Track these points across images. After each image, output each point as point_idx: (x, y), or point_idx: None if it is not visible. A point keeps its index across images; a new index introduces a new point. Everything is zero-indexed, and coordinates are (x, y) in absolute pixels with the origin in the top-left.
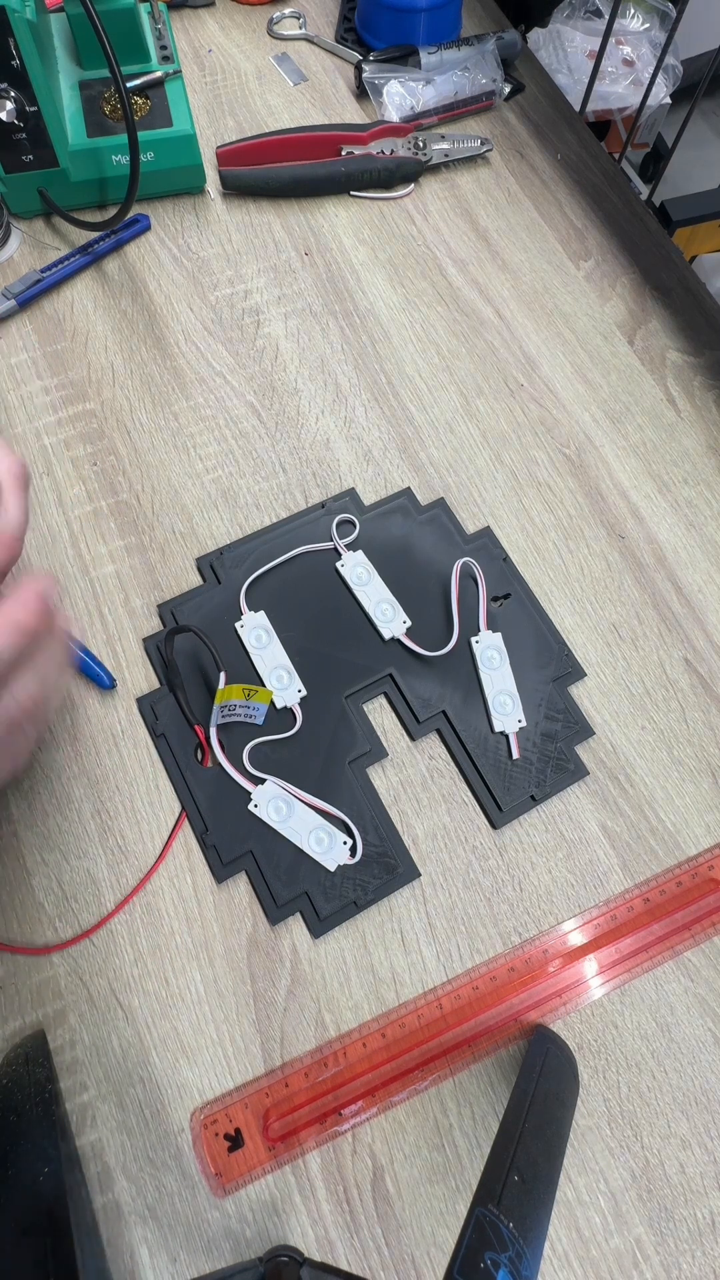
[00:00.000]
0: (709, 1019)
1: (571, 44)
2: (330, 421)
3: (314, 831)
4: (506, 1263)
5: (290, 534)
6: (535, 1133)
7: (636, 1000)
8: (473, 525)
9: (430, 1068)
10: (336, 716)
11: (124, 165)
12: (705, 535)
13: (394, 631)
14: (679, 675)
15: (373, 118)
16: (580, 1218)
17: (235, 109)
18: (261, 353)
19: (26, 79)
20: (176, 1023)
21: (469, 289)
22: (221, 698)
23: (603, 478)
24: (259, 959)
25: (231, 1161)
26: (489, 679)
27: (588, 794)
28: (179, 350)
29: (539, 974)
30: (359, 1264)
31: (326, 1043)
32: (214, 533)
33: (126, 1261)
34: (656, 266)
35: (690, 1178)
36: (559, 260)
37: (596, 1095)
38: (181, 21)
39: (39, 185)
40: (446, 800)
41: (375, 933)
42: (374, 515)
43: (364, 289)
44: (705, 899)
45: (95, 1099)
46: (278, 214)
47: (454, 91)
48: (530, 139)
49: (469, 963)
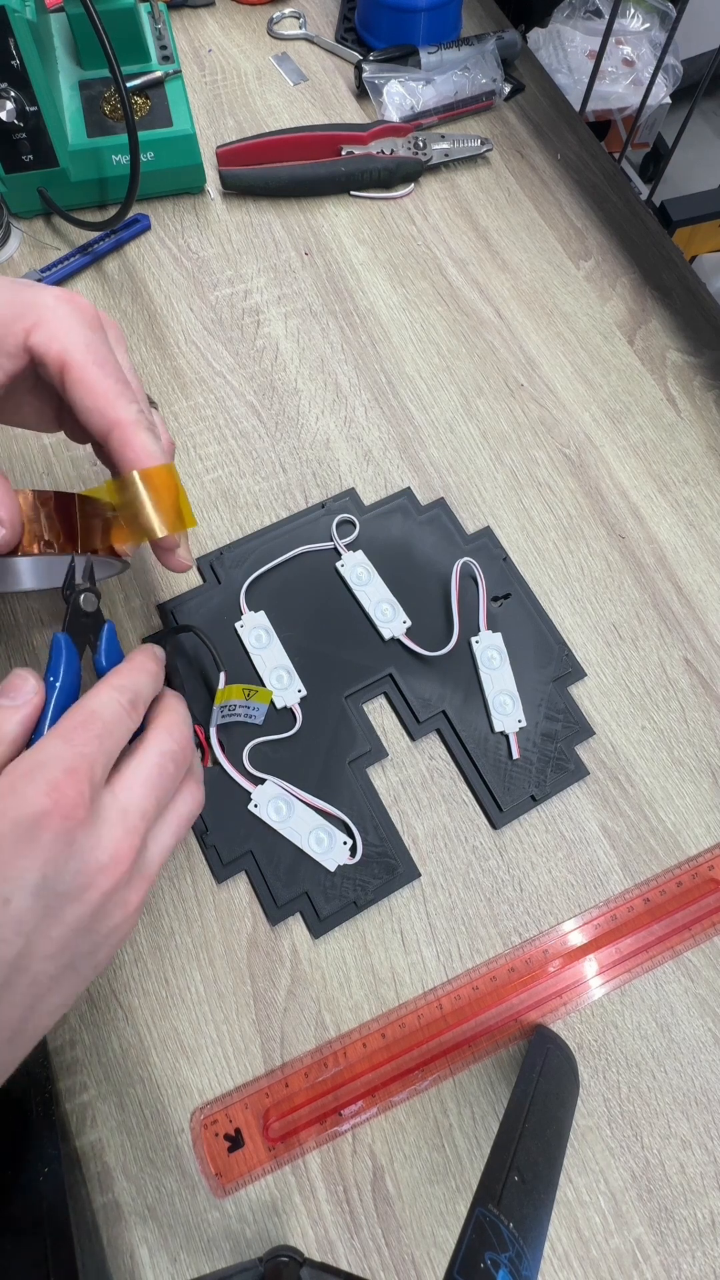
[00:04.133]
0: (709, 1019)
1: (571, 44)
2: (330, 421)
3: (314, 831)
4: (506, 1263)
5: (290, 534)
6: (535, 1133)
7: (636, 1000)
8: (473, 525)
9: (430, 1068)
10: (336, 716)
11: (124, 165)
12: (705, 535)
13: (394, 631)
14: (679, 675)
15: (373, 118)
16: (580, 1218)
17: (235, 109)
18: (261, 353)
19: (26, 79)
20: (176, 1023)
21: (469, 289)
22: (221, 698)
23: (603, 478)
24: (259, 959)
25: (231, 1161)
26: (489, 679)
27: (588, 794)
28: (179, 350)
29: (539, 974)
30: (359, 1264)
31: (326, 1043)
32: (214, 533)
33: (126, 1261)
34: (656, 266)
35: (690, 1178)
36: (559, 260)
37: (596, 1095)
38: (181, 21)
39: (39, 185)
40: (446, 800)
41: (375, 933)
42: (374, 515)
43: (364, 289)
44: (705, 899)
45: (95, 1099)
46: (278, 214)
47: (454, 91)
48: (530, 139)
49: (469, 963)
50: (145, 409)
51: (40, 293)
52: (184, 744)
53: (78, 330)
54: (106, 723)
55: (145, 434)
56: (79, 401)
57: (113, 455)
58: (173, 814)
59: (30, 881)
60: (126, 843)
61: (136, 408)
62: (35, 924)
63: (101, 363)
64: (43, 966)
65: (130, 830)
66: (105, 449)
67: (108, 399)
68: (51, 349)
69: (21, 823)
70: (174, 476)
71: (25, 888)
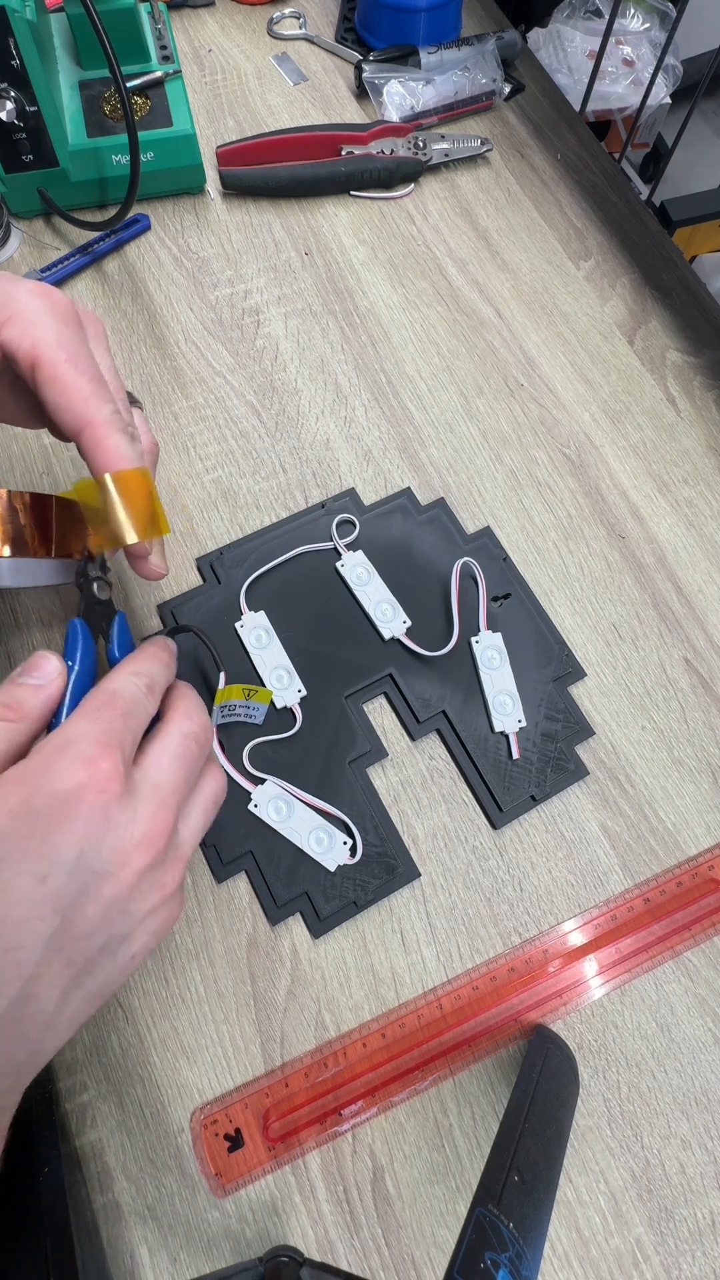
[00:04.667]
0: (709, 1019)
1: (571, 44)
2: (330, 421)
3: (314, 831)
4: (506, 1263)
5: (290, 534)
6: (535, 1133)
7: (636, 1000)
8: (473, 525)
9: (430, 1068)
10: (336, 716)
11: (124, 165)
12: (705, 535)
13: (394, 631)
14: (679, 675)
15: (373, 118)
16: (580, 1218)
17: (235, 109)
18: (261, 353)
19: (26, 79)
20: (176, 1023)
21: (469, 289)
22: (221, 698)
23: (603, 478)
24: (259, 959)
25: (231, 1161)
26: (489, 679)
27: (588, 794)
28: (179, 350)
29: (539, 974)
30: (359, 1264)
31: (326, 1043)
32: (214, 533)
33: (126, 1261)
34: (656, 266)
35: (690, 1178)
36: (559, 260)
37: (596, 1095)
38: (181, 21)
39: (39, 185)
40: (446, 800)
41: (375, 933)
42: (374, 515)
43: (364, 289)
44: (705, 899)
45: (95, 1099)
46: (278, 214)
47: (454, 91)
48: (530, 139)
49: (469, 963)
50: (123, 409)
51: (14, 286)
52: (204, 727)
53: (51, 325)
54: (128, 702)
55: (119, 435)
56: (50, 400)
57: (85, 456)
58: (200, 796)
59: (67, 858)
60: (160, 818)
61: (111, 407)
62: (72, 901)
63: (75, 360)
64: (78, 947)
65: (163, 805)
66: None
67: (80, 397)
68: (23, 344)
69: (57, 797)
70: (148, 481)
71: (62, 864)
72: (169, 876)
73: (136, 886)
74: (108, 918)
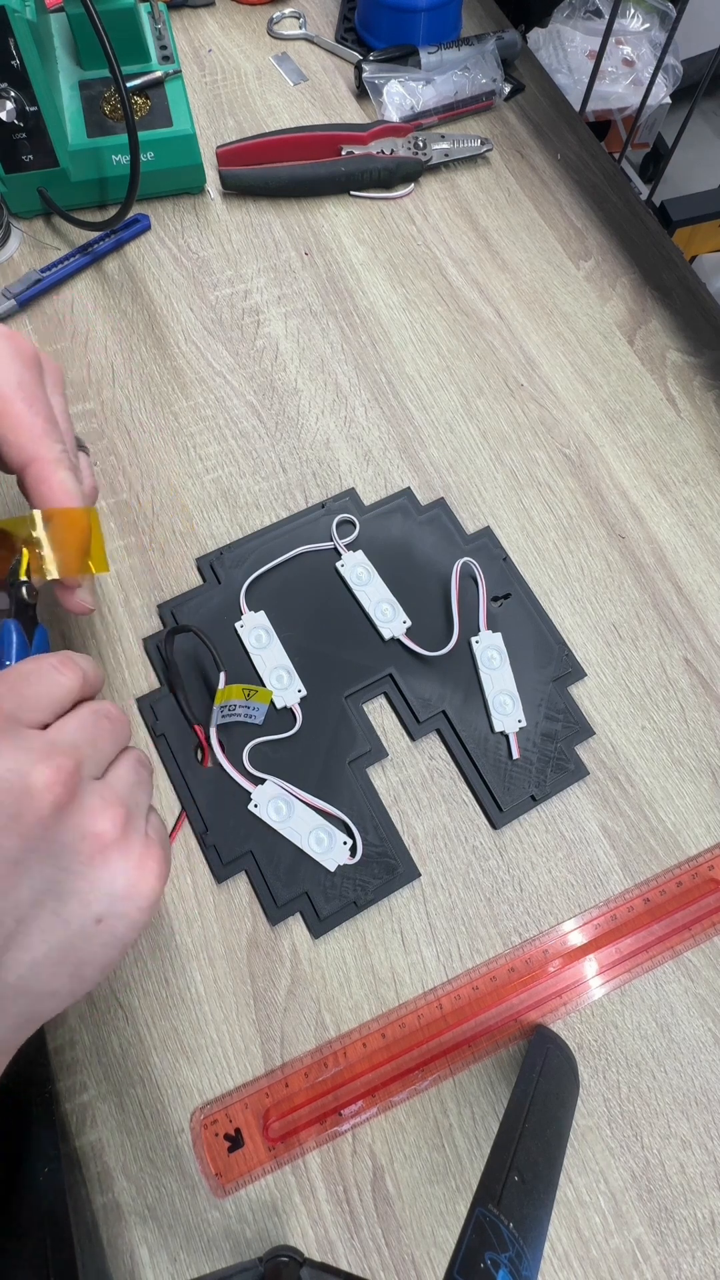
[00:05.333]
0: (709, 1019)
1: (571, 44)
2: (330, 421)
3: (314, 831)
4: (506, 1263)
5: (290, 534)
6: (535, 1133)
7: (636, 1000)
8: (473, 525)
9: (430, 1068)
10: (336, 716)
11: (124, 165)
12: (705, 535)
13: (394, 631)
14: (679, 675)
15: (373, 118)
16: (580, 1218)
17: (235, 109)
18: (261, 353)
19: (26, 79)
20: (176, 1023)
21: (469, 289)
22: (221, 698)
23: (603, 478)
24: (259, 959)
25: (231, 1161)
26: (489, 679)
27: (588, 794)
28: (179, 350)
29: (539, 974)
30: (359, 1264)
31: (326, 1043)
32: (214, 533)
33: (126, 1261)
34: (656, 266)
35: (690, 1178)
36: (559, 260)
37: (596, 1095)
38: (181, 21)
39: (39, 185)
40: (446, 800)
41: (375, 933)
42: (374, 515)
43: (364, 289)
44: (705, 899)
45: (95, 1099)
46: (278, 214)
47: (454, 91)
48: (530, 139)
49: (469, 963)
50: (70, 451)
51: None
52: (118, 714)
53: (12, 366)
54: (21, 672)
55: (65, 472)
56: (2, 434)
57: (28, 491)
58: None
59: None
60: (54, 762)
61: (61, 447)
62: None
63: (30, 400)
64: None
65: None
66: (22, 484)
67: (30, 434)
68: None
69: None
70: (88, 519)
71: None
72: (99, 822)
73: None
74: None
